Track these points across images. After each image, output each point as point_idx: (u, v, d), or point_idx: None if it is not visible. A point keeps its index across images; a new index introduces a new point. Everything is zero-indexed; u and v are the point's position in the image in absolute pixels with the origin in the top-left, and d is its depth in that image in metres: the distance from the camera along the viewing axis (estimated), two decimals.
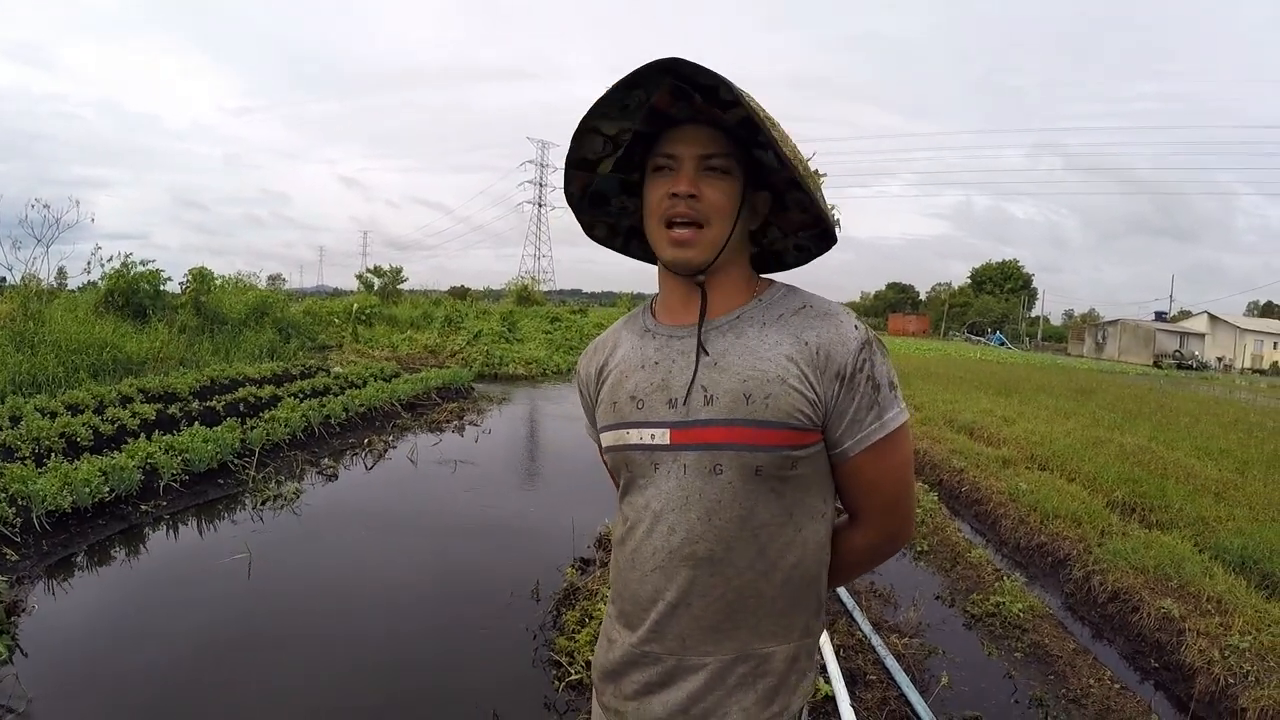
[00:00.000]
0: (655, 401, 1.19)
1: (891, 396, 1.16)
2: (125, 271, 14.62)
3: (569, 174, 1.27)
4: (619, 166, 1.26)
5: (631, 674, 1.21)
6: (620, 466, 1.24)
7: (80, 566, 4.62)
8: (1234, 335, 53.61)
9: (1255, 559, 4.96)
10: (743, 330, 1.18)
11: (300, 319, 19.76)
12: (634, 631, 1.21)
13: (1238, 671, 3.59)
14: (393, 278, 33.11)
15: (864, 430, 1.14)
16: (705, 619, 1.16)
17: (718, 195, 1.15)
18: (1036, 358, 41.45)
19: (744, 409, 1.12)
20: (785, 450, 1.12)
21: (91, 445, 6.50)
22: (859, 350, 1.13)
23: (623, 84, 1.10)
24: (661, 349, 1.22)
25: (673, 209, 1.15)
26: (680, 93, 1.12)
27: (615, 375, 1.26)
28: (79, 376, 10.26)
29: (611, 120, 1.18)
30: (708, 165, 1.15)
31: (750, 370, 1.13)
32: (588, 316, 36.46)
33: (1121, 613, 4.43)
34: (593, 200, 1.32)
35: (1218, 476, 7.63)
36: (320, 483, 6.76)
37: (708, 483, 1.14)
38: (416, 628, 4.02)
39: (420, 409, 10.67)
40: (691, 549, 1.15)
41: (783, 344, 1.15)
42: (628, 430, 1.21)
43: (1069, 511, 5.86)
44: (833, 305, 1.19)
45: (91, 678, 3.34)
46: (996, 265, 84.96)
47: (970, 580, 4.92)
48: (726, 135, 1.15)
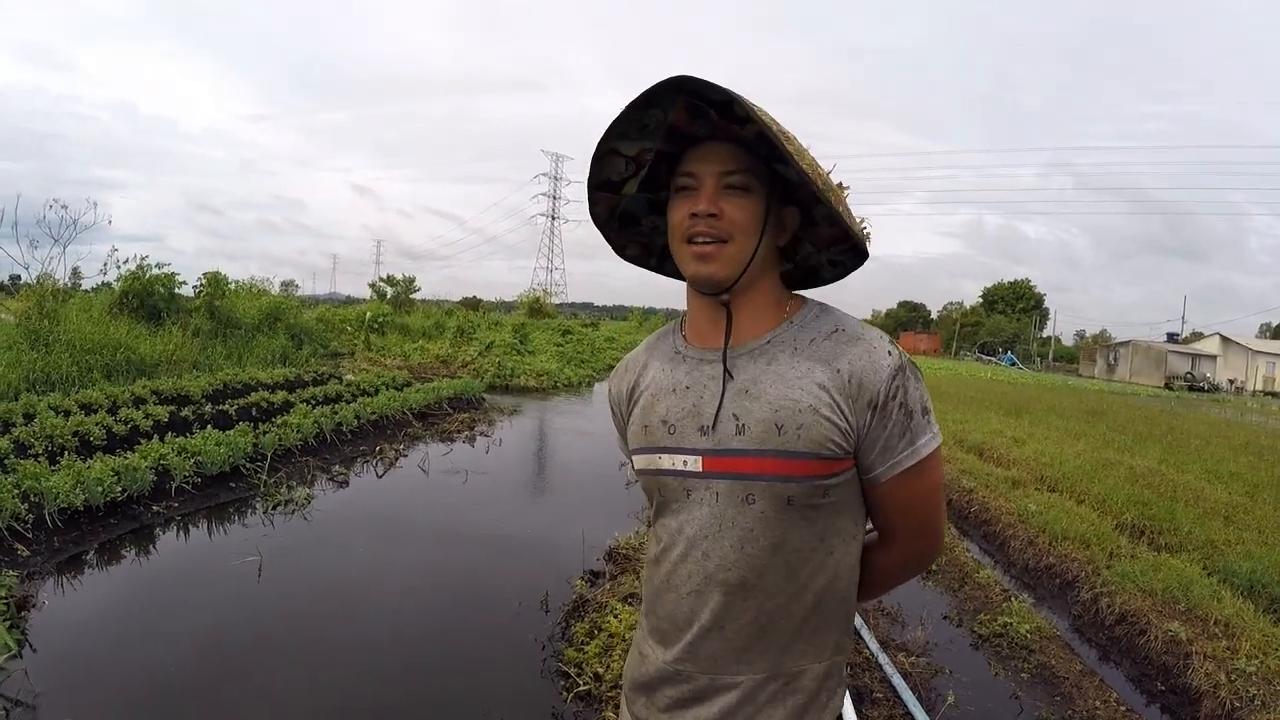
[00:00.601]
0: (687, 428, 1.18)
1: (924, 422, 1.15)
2: (141, 274, 14.74)
3: (593, 196, 1.26)
4: (646, 186, 1.24)
5: (664, 689, 1.22)
6: (653, 490, 1.24)
7: (91, 564, 4.66)
8: (1246, 357, 53.20)
9: (1264, 583, 4.94)
10: (774, 356, 1.17)
11: (313, 326, 19.87)
12: (668, 649, 1.22)
13: (1244, 695, 3.58)
14: (405, 287, 33.30)
15: (896, 457, 1.14)
16: (737, 641, 1.17)
17: (738, 212, 1.13)
18: (1047, 378, 41.27)
19: (775, 439, 1.11)
20: (817, 480, 1.12)
21: (104, 445, 6.56)
22: (892, 377, 1.12)
23: (637, 104, 1.11)
24: (691, 373, 1.22)
25: (693, 228, 1.14)
26: (696, 110, 1.11)
27: (647, 398, 1.26)
28: (93, 376, 10.34)
29: (630, 141, 1.18)
30: (728, 183, 1.13)
31: (782, 399, 1.12)
32: (599, 330, 36.58)
33: (1129, 635, 4.42)
34: (622, 220, 1.32)
35: (1227, 500, 7.59)
36: (331, 489, 6.79)
37: (740, 511, 1.14)
38: (424, 635, 4.04)
39: (431, 418, 10.70)
40: (725, 575, 1.15)
41: (815, 371, 1.13)
42: (660, 455, 1.21)
43: (1078, 533, 5.84)
44: (866, 329, 1.18)
45: (99, 674, 3.37)
46: (1008, 285, 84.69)
47: (978, 600, 4.91)
48: (747, 151, 1.14)
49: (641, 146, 1.19)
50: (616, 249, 1.36)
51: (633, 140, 1.18)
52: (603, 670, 3.44)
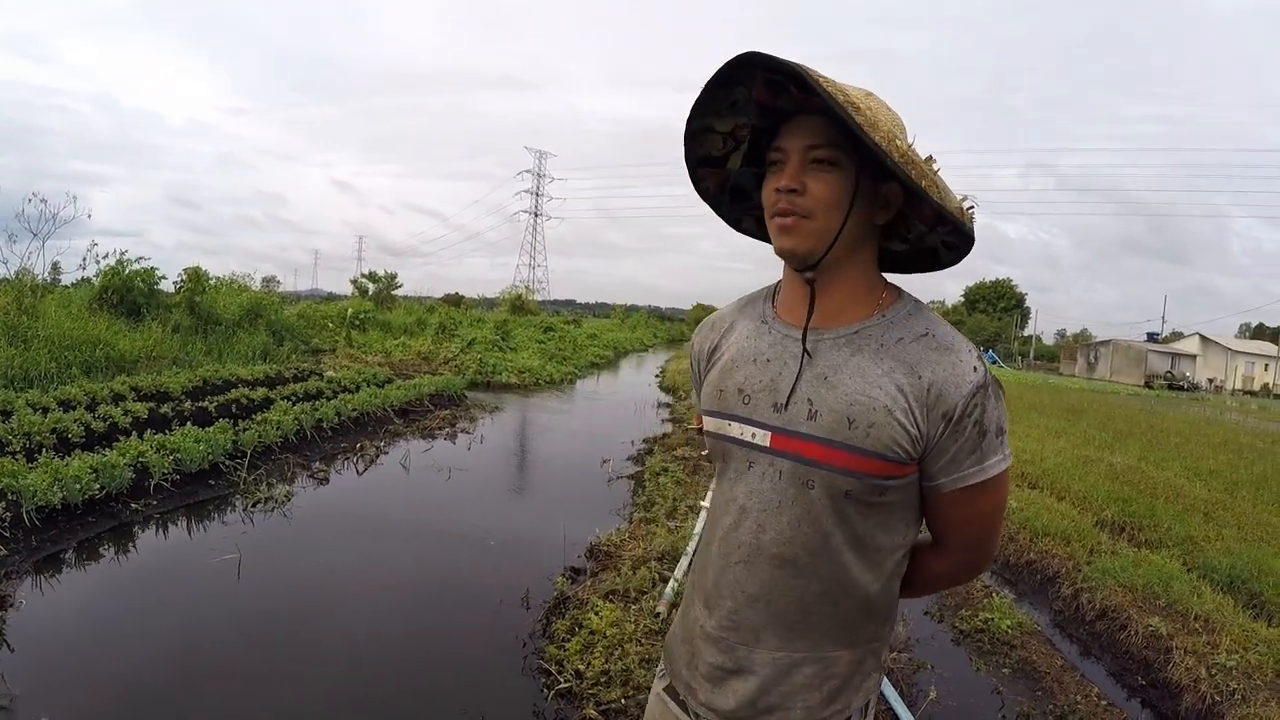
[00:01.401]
0: (761, 401, 1.19)
1: (996, 443, 1.13)
2: (120, 269, 14.57)
3: (696, 173, 1.27)
4: (751, 161, 1.24)
5: (706, 654, 1.25)
6: (718, 454, 1.27)
7: (69, 563, 4.59)
8: (1225, 357, 53.80)
9: (1243, 578, 5.00)
10: (860, 347, 1.15)
11: (294, 322, 19.71)
12: (712, 615, 1.25)
13: (1224, 689, 3.62)
14: (387, 283, 33.11)
15: (961, 472, 1.13)
16: (781, 616, 1.19)
17: (822, 188, 1.11)
18: (1028, 377, 41.56)
19: (844, 432, 1.11)
20: (877, 479, 1.12)
21: (83, 442, 6.47)
22: (972, 394, 1.10)
23: (716, 81, 1.10)
24: (775, 346, 1.22)
25: (778, 203, 1.13)
26: (775, 85, 1.11)
27: (726, 361, 1.27)
28: (71, 373, 10.19)
29: (723, 118, 1.18)
30: (814, 157, 1.11)
31: (859, 394, 1.12)
32: (581, 327, 36.51)
33: (1109, 630, 4.45)
34: (734, 195, 1.31)
35: (1207, 496, 7.67)
36: (311, 486, 6.74)
37: (800, 493, 1.15)
38: (404, 632, 4.01)
39: (413, 415, 10.64)
40: (778, 550, 1.17)
41: (896, 372, 1.12)
42: (730, 423, 1.23)
43: (1058, 530, 5.88)
44: (957, 339, 1.15)
45: (76, 674, 3.31)
46: (990, 284, 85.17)
47: (959, 596, 4.93)
48: (836, 124, 1.08)
49: (736, 122, 1.19)
50: (731, 223, 1.36)
51: (725, 117, 1.18)
52: (584, 668, 3.42)
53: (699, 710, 1.27)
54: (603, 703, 3.17)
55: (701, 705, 1.26)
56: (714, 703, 1.24)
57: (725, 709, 1.23)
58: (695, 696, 1.27)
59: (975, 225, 1.16)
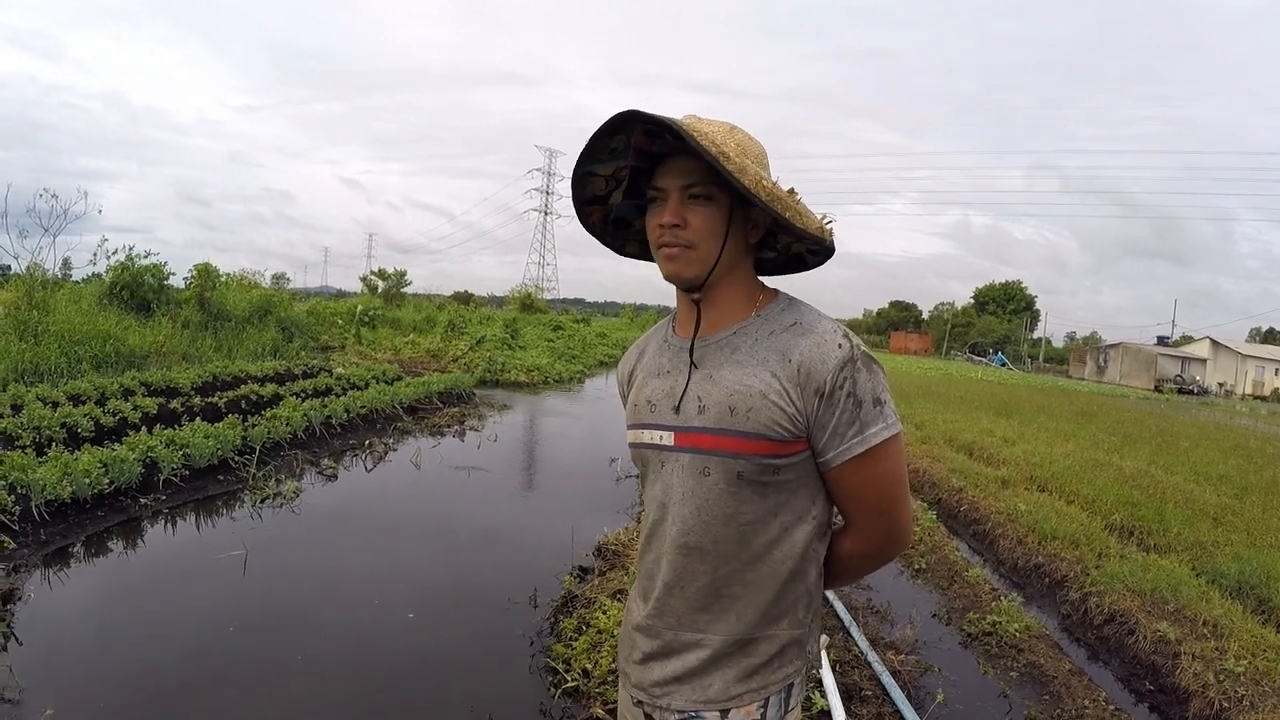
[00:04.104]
0: (664, 407, 1.33)
1: (875, 412, 1.22)
2: (130, 264, 14.64)
3: (582, 210, 1.42)
4: (631, 195, 1.36)
5: (639, 642, 1.38)
6: (639, 461, 1.41)
7: (77, 557, 4.62)
8: (1236, 361, 53.52)
9: (1252, 584, 4.97)
10: (737, 346, 1.29)
11: (303, 319, 19.78)
12: (645, 604, 1.37)
13: (1233, 695, 3.60)
14: (397, 281, 33.15)
15: (845, 444, 1.23)
16: (695, 600, 1.30)
17: (700, 221, 1.25)
18: (1037, 379, 41.43)
19: (728, 420, 1.23)
20: (765, 459, 1.23)
21: (92, 436, 6.52)
22: (839, 368, 1.21)
23: (601, 132, 1.23)
24: (673, 359, 1.37)
25: (662, 237, 1.27)
26: (653, 133, 1.23)
27: (640, 379, 1.43)
28: (81, 367, 10.27)
29: (603, 163, 1.32)
30: (690, 194, 1.25)
31: (737, 385, 1.24)
32: (590, 326, 36.54)
33: (1118, 635, 4.43)
34: (616, 225, 1.44)
35: (1216, 502, 7.63)
36: (320, 483, 6.76)
37: (699, 482, 1.27)
38: (410, 630, 4.01)
39: (421, 413, 10.68)
40: (685, 539, 1.29)
41: (769, 360, 1.25)
42: (643, 430, 1.37)
43: (1067, 533, 5.86)
44: (822, 323, 1.27)
45: (85, 669, 3.33)
46: (1000, 286, 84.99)
47: (967, 599, 4.92)
48: (707, 165, 1.21)
49: (616, 165, 1.33)
50: (616, 249, 1.51)
51: (605, 162, 1.32)
52: (591, 666, 3.42)
53: (632, 692, 1.39)
54: (609, 702, 3.17)
55: (634, 687, 1.39)
56: (643, 680, 1.36)
57: (649, 682, 1.35)
58: (629, 679, 1.40)
59: (835, 238, 1.33)
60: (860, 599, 4.71)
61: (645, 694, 1.36)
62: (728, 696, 1.29)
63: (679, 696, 1.31)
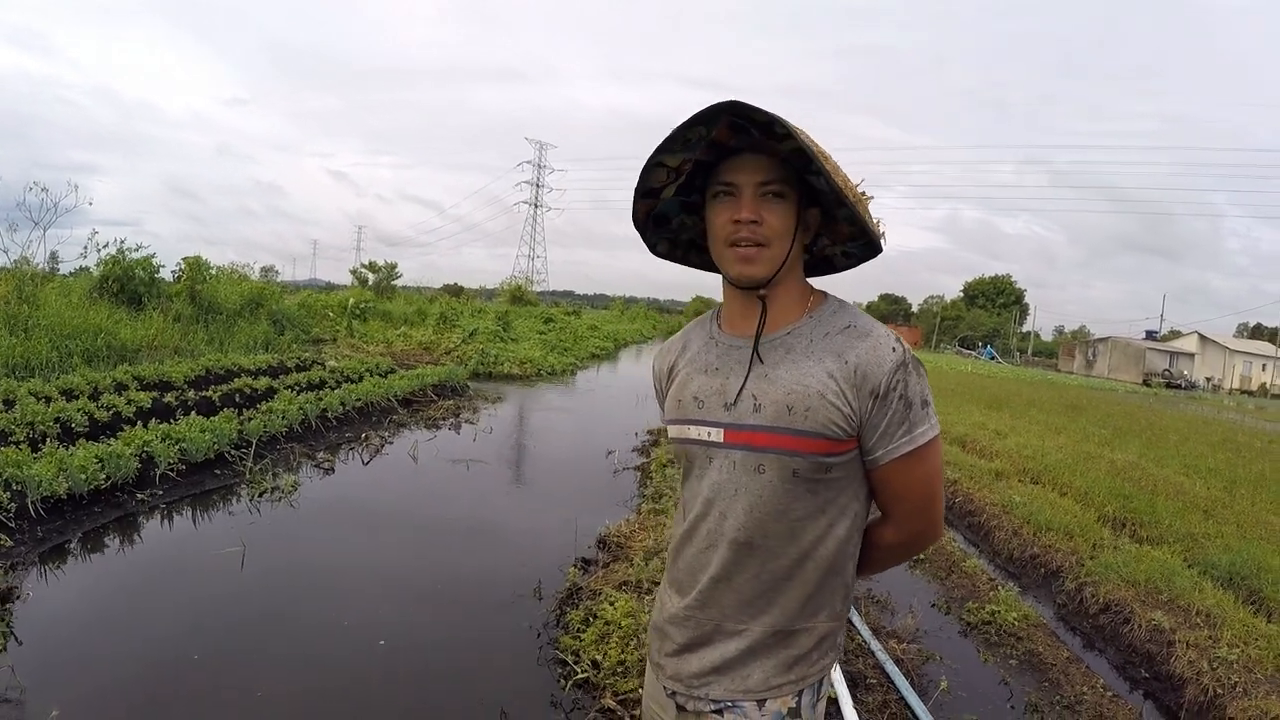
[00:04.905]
0: (714, 403, 1.33)
1: (922, 414, 1.27)
2: (121, 258, 14.52)
3: (638, 203, 1.39)
4: (680, 190, 1.37)
5: (674, 634, 1.39)
6: (682, 456, 1.41)
7: (75, 554, 4.57)
8: (1224, 356, 53.97)
9: (1243, 575, 5.04)
10: (793, 346, 1.30)
11: (295, 312, 19.66)
12: (683, 598, 1.39)
13: (1226, 682, 3.66)
14: (387, 273, 33.02)
15: (894, 443, 1.27)
16: (743, 593, 1.32)
17: (776, 219, 1.26)
18: (1027, 373, 41.67)
19: (786, 419, 1.25)
20: (820, 457, 1.25)
21: (87, 431, 6.46)
22: (894, 371, 1.24)
23: (687, 123, 1.22)
24: (722, 356, 1.37)
25: (737, 233, 1.26)
26: (738, 127, 1.22)
27: (683, 375, 1.42)
28: (73, 362, 10.18)
29: (674, 154, 1.29)
30: (766, 191, 1.25)
31: (795, 384, 1.26)
32: (581, 318, 36.50)
33: (1113, 624, 4.49)
34: (656, 221, 1.45)
35: (1206, 494, 7.72)
36: (317, 477, 6.74)
37: (752, 479, 1.28)
38: (415, 624, 4.01)
39: (416, 405, 10.65)
40: (735, 534, 1.30)
41: (826, 361, 1.27)
42: (689, 426, 1.37)
43: (1061, 525, 5.93)
44: (875, 326, 1.30)
45: (85, 667, 3.28)
46: (989, 280, 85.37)
47: (965, 589, 4.97)
48: (780, 162, 1.25)
49: (683, 158, 1.30)
50: (649, 246, 1.50)
51: (676, 153, 1.29)
52: (600, 658, 3.44)
53: (666, 684, 1.41)
54: (620, 693, 3.19)
55: (669, 679, 1.40)
56: (680, 671, 1.37)
57: (687, 673, 1.36)
58: (664, 672, 1.41)
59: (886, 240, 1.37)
60: (861, 588, 4.74)
61: (682, 685, 1.37)
62: (767, 687, 1.31)
63: (717, 687, 1.33)
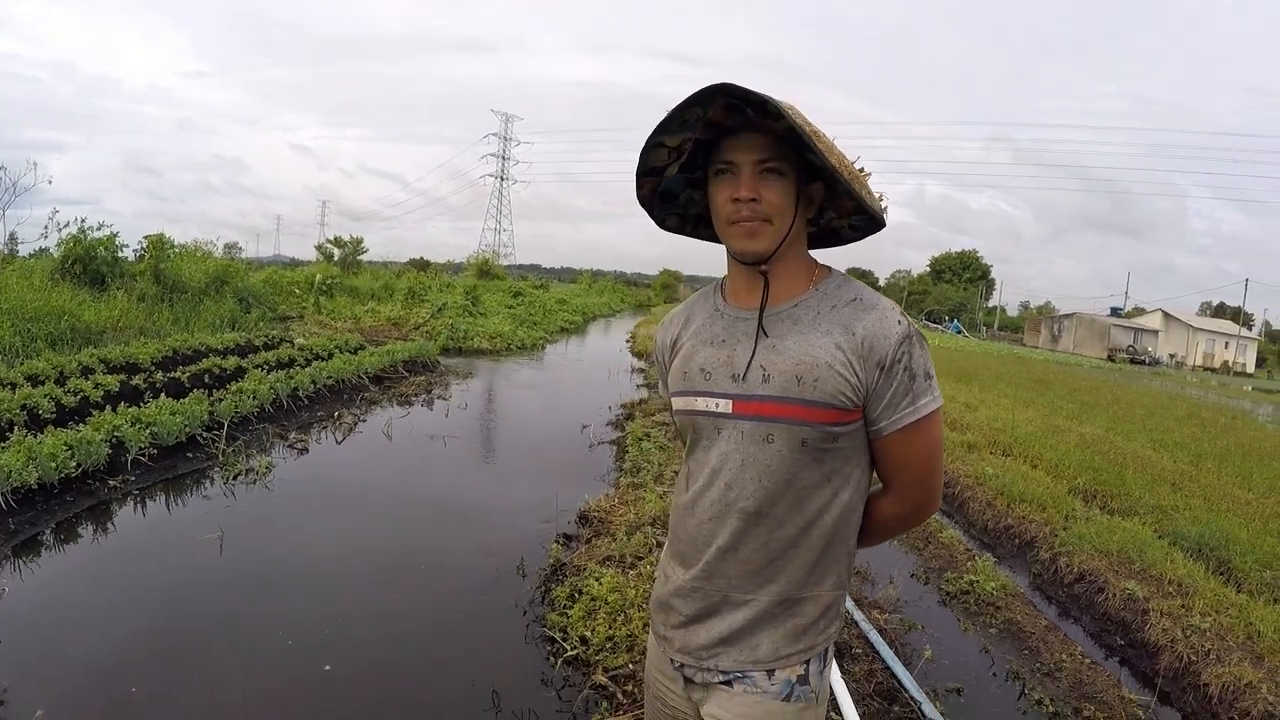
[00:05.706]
0: (721, 375, 1.35)
1: (925, 385, 1.31)
2: (82, 237, 14.15)
3: (640, 181, 1.42)
4: (683, 167, 1.39)
5: (680, 606, 1.41)
6: (688, 428, 1.42)
7: (49, 545, 4.43)
8: (1187, 334, 55.00)
9: (1211, 546, 5.16)
10: (799, 318, 1.33)
11: (261, 289, 19.32)
12: (688, 570, 1.41)
13: (1200, 650, 3.75)
14: (353, 248, 32.59)
15: (899, 413, 1.30)
16: (750, 563, 1.34)
17: (775, 196, 1.29)
18: (993, 347, 42.21)
19: (795, 389, 1.28)
20: (829, 426, 1.28)
21: (54, 417, 6.26)
22: (900, 343, 1.28)
23: (682, 105, 1.24)
24: (729, 328, 1.39)
25: (737, 212, 1.29)
26: (733, 107, 1.24)
27: (688, 347, 1.43)
28: (36, 346, 9.91)
29: (673, 134, 1.31)
30: (764, 168, 1.28)
31: (803, 355, 1.29)
32: (549, 292, 36.34)
33: (1088, 593, 4.59)
34: (663, 198, 1.47)
35: (1173, 467, 7.90)
36: (292, 457, 6.66)
37: (761, 449, 1.31)
38: (399, 605, 3.97)
39: (388, 382, 10.55)
40: (744, 504, 1.33)
41: (833, 333, 1.29)
42: (696, 398, 1.38)
43: (1034, 496, 6.03)
44: (881, 300, 1.33)
45: (65, 662, 3.20)
46: (956, 255, 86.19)
47: (943, 559, 5.05)
48: (778, 139, 1.27)
49: (683, 137, 1.33)
50: (658, 221, 1.52)
51: (674, 133, 1.31)
52: (589, 634, 3.45)
53: (674, 656, 1.43)
54: (611, 669, 3.21)
55: (677, 651, 1.42)
56: (688, 644, 1.40)
57: (695, 645, 1.39)
58: (671, 645, 1.43)
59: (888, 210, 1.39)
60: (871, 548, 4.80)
61: (690, 657, 1.39)
62: (776, 656, 1.34)
63: (726, 658, 1.36)
